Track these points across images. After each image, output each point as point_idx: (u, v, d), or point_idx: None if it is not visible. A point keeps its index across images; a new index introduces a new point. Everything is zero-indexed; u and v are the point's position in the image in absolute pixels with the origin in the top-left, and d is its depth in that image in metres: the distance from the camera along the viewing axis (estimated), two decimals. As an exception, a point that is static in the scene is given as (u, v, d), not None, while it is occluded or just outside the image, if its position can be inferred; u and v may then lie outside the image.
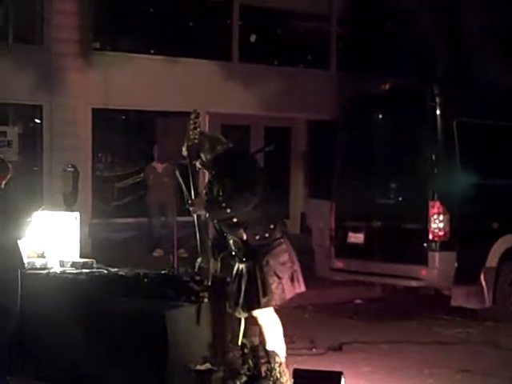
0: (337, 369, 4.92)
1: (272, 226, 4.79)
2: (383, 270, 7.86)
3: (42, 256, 6.07)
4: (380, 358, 6.05)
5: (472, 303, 7.56)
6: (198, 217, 4.93)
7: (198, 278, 5.13)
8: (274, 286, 4.73)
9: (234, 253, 4.88)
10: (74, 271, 5.67)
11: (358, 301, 8.89)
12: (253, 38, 13.70)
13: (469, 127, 7.57)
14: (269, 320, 4.84)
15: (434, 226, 7.36)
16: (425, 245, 7.42)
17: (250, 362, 4.90)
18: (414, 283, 7.61)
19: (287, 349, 4.94)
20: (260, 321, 4.84)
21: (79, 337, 5.01)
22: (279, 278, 4.75)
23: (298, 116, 14.04)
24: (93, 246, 10.65)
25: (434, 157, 7.52)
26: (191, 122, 4.81)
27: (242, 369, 4.89)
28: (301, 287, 4.89)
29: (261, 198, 4.76)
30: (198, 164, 4.92)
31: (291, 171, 14.39)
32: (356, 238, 8.30)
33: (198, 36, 13.17)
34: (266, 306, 4.75)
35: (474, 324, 7.44)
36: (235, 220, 4.77)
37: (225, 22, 13.55)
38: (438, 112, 7.48)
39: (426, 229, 7.39)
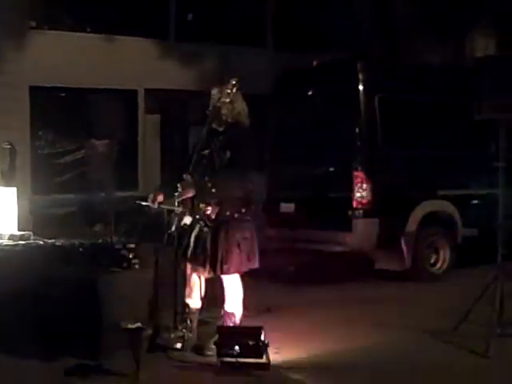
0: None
1: (244, 210, 5.15)
2: (312, 237, 8.31)
3: (-19, 230, 6.31)
4: (303, 317, 6.46)
5: (393, 266, 8.10)
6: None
7: (130, 246, 5.49)
8: (234, 256, 5.12)
9: (199, 216, 5.14)
10: (11, 243, 5.94)
11: (290, 268, 9.33)
12: (189, 17, 13.92)
13: (390, 102, 8.04)
14: (233, 284, 5.27)
15: (357, 194, 7.83)
16: (349, 212, 7.89)
17: (189, 321, 5.30)
18: (339, 248, 8.08)
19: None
20: (224, 283, 5.26)
21: (16, 304, 5.31)
22: (240, 250, 5.14)
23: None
24: (34, 222, 10.81)
25: (357, 130, 7.98)
26: (233, 83, 5.06)
27: (180, 325, 5.27)
28: (255, 264, 5.32)
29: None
30: (213, 125, 5.13)
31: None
32: (287, 207, 8.74)
33: (134, 14, 13.32)
34: (225, 272, 5.16)
35: (395, 285, 7.97)
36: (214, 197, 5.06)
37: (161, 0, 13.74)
38: (360, 87, 7.92)
39: (350, 197, 7.86)
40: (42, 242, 5.98)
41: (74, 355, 5.03)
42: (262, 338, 4.83)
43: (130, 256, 5.41)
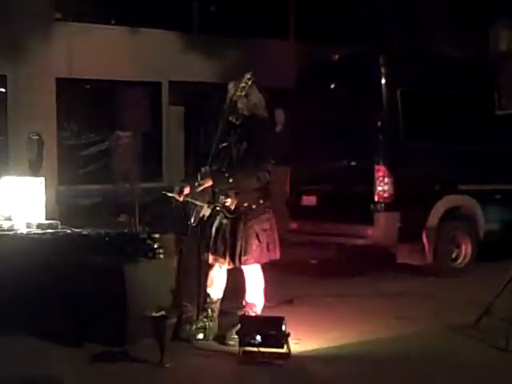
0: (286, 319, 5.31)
1: (261, 201, 5.24)
2: (334, 231, 8.36)
3: (9, 219, 6.44)
4: (325, 309, 6.54)
5: (415, 260, 8.12)
6: None
7: (155, 236, 5.60)
8: (253, 248, 5.22)
9: (219, 208, 5.28)
10: (40, 231, 6.08)
11: (313, 260, 9.41)
12: (212, 9, 14.00)
13: (412, 95, 8.05)
14: (253, 275, 5.37)
15: (379, 188, 7.86)
16: (371, 206, 7.93)
17: (210, 311, 5.40)
18: (360, 241, 8.11)
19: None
20: (245, 274, 5.36)
21: (45, 292, 5.45)
22: (259, 241, 5.24)
23: (258, 85, 14.37)
24: (60, 212, 10.99)
25: (379, 123, 8.00)
26: (248, 77, 5.17)
27: (201, 315, 5.39)
28: (276, 255, 5.42)
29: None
30: (231, 118, 5.24)
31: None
32: (309, 200, 8.80)
33: (158, 7, 13.43)
34: (244, 263, 5.26)
35: (417, 279, 8.00)
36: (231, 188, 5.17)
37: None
38: (382, 81, 7.95)
39: (371, 191, 7.90)
40: (69, 231, 6.10)
41: (100, 342, 5.16)
42: (283, 328, 4.91)
43: (155, 246, 5.51)
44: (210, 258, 5.37)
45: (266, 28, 14.65)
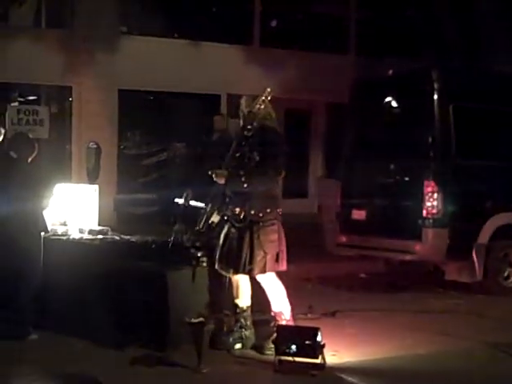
0: (326, 331, 5.33)
1: (268, 210, 5.36)
2: (382, 245, 8.35)
3: (64, 224, 6.73)
4: (367, 323, 6.54)
5: (464, 277, 8.02)
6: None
7: (199, 244, 5.76)
8: (258, 259, 5.32)
9: (227, 217, 5.43)
10: (91, 237, 6.33)
11: (363, 275, 9.40)
12: (273, 23, 14.18)
13: (464, 111, 7.98)
14: (270, 284, 5.46)
15: (428, 204, 7.83)
16: (419, 221, 7.90)
17: (242, 320, 5.52)
18: (408, 257, 8.09)
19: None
20: (263, 285, 5.46)
21: (93, 295, 5.67)
22: (265, 253, 5.34)
23: (317, 99, 14.48)
24: (118, 219, 11.35)
25: (430, 139, 7.98)
26: (266, 94, 5.33)
27: (235, 326, 5.52)
28: (283, 266, 5.48)
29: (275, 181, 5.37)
30: (244, 131, 5.43)
31: (310, 152, 14.91)
32: (359, 214, 8.81)
33: (220, 21, 13.71)
34: (248, 273, 5.38)
35: (465, 296, 7.88)
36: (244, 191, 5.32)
37: (246, 6, 14.06)
38: (435, 97, 7.92)
39: (420, 206, 7.87)
40: (118, 238, 6.33)
41: (141, 345, 5.34)
42: (319, 338, 4.97)
43: (199, 254, 5.66)
44: (217, 266, 5.48)
45: (327, 42, 14.73)
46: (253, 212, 5.35)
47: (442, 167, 7.93)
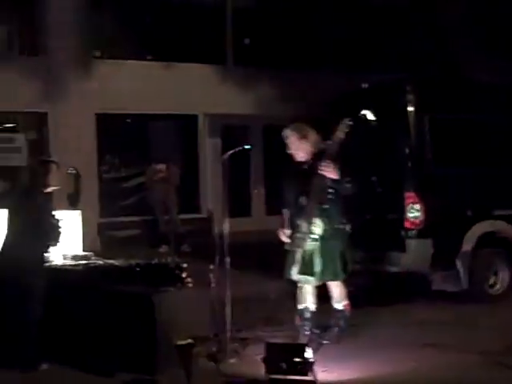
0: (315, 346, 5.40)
1: (344, 221, 6.31)
2: (367, 258, 8.35)
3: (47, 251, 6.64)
4: (356, 337, 6.51)
5: (449, 286, 8.03)
6: None
7: (183, 265, 5.72)
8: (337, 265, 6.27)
9: (304, 235, 6.19)
10: (73, 263, 6.27)
11: (350, 288, 9.36)
12: (247, 42, 14.25)
13: (440, 122, 8.03)
14: (341, 287, 6.51)
15: (410, 215, 7.84)
16: (402, 233, 7.92)
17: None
18: (394, 269, 8.09)
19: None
20: (335, 287, 6.47)
21: (78, 321, 5.60)
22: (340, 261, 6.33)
23: (294, 114, 14.49)
24: (102, 243, 11.27)
25: (407, 150, 8.01)
26: (348, 123, 6.31)
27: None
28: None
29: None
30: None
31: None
32: (342, 228, 8.79)
33: (192, 41, 13.74)
34: (342, 278, 6.38)
35: (452, 306, 7.88)
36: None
37: (218, 26, 14.12)
38: (410, 108, 7.97)
39: (402, 218, 7.89)
40: (101, 262, 6.27)
41: (130, 370, 5.27)
42: (308, 355, 4.94)
43: (184, 275, 5.62)
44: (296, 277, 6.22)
45: (300, 59, 14.81)
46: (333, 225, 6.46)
47: (422, 178, 7.96)
